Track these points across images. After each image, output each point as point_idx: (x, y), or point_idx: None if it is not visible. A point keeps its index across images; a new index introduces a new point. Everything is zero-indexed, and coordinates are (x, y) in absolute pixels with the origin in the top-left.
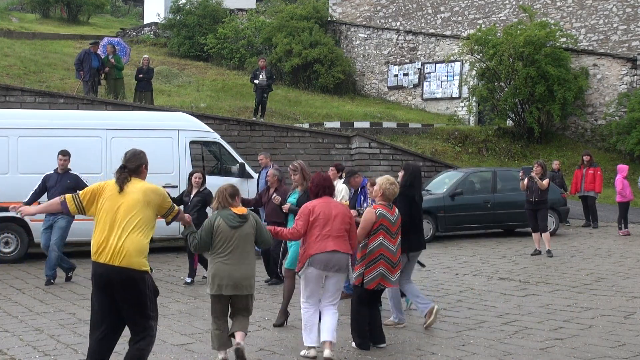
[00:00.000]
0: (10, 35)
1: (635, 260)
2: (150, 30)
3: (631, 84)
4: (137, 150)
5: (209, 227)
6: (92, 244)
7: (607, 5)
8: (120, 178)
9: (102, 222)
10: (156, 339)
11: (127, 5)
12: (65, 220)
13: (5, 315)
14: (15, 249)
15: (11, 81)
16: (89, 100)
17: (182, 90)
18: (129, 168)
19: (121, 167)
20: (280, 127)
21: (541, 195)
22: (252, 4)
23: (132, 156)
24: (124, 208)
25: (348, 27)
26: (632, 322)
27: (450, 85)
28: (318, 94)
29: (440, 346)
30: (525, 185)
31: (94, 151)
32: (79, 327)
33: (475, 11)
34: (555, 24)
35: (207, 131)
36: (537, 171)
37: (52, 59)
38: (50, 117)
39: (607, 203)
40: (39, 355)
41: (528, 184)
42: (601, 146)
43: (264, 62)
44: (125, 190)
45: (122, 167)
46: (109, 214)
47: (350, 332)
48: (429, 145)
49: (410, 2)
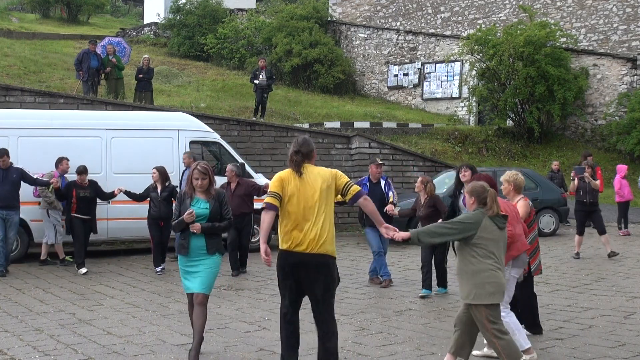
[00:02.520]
0: (10, 35)
1: (635, 260)
2: (150, 30)
3: (631, 84)
4: (307, 137)
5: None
6: (284, 233)
7: (607, 5)
8: (297, 161)
9: (292, 212)
10: (156, 339)
11: (127, 5)
12: (18, 216)
13: (5, 315)
14: (15, 249)
15: (11, 81)
16: (89, 100)
17: (182, 90)
18: (302, 152)
19: (295, 152)
20: (280, 127)
21: (594, 196)
22: (252, 4)
23: (303, 142)
24: (309, 196)
25: (348, 27)
26: (632, 322)
27: (450, 85)
28: (318, 94)
29: (440, 346)
30: (575, 187)
31: (94, 151)
32: (79, 327)
33: (475, 11)
34: (555, 24)
35: (207, 131)
36: (589, 172)
37: (52, 59)
38: (50, 117)
39: (607, 203)
40: (39, 355)
41: (579, 184)
42: (601, 146)
43: (264, 62)
44: (304, 177)
45: (296, 151)
46: (299, 203)
47: (524, 321)
48: (429, 145)
49: (410, 2)
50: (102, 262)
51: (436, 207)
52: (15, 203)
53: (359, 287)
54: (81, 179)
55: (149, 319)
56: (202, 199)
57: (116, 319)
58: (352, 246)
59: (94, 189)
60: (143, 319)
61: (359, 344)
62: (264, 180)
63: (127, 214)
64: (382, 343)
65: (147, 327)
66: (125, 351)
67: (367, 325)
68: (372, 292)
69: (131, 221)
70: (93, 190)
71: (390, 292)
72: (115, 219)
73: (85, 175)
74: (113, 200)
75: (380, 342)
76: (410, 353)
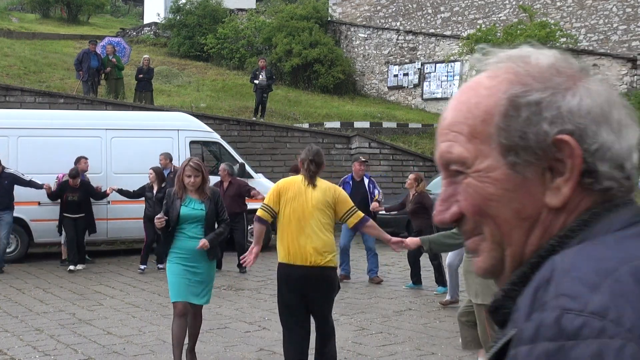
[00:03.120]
0: (10, 35)
1: None
2: (150, 30)
3: (631, 84)
4: (319, 148)
5: None
6: (283, 247)
7: (607, 5)
8: (312, 171)
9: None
10: (156, 339)
11: (127, 5)
12: (11, 215)
13: (5, 315)
14: (16, 249)
15: (11, 81)
16: (89, 100)
17: (182, 90)
18: (316, 162)
19: (310, 161)
20: (280, 127)
21: None
22: (252, 4)
23: (317, 152)
24: (308, 208)
25: (348, 27)
26: None
27: (450, 85)
28: (318, 94)
29: (440, 346)
30: None
31: (94, 151)
32: (79, 327)
33: (475, 11)
34: (555, 24)
35: (207, 131)
36: None
37: (52, 59)
38: (50, 117)
39: None
40: (39, 355)
41: None
42: None
43: (263, 62)
44: (309, 189)
45: (311, 160)
46: (297, 215)
47: None
48: (429, 145)
49: (410, 2)
50: (102, 262)
51: (422, 203)
52: (8, 203)
53: (359, 287)
54: (74, 182)
55: (149, 319)
56: (195, 199)
57: (116, 319)
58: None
59: (85, 191)
60: (143, 319)
61: (359, 344)
62: (264, 181)
63: (127, 214)
64: (382, 343)
65: (147, 327)
66: (125, 351)
67: (367, 325)
68: (372, 292)
69: (131, 221)
70: (83, 192)
71: (390, 292)
72: (115, 219)
73: (77, 179)
74: (113, 200)
75: (380, 342)
76: (410, 353)
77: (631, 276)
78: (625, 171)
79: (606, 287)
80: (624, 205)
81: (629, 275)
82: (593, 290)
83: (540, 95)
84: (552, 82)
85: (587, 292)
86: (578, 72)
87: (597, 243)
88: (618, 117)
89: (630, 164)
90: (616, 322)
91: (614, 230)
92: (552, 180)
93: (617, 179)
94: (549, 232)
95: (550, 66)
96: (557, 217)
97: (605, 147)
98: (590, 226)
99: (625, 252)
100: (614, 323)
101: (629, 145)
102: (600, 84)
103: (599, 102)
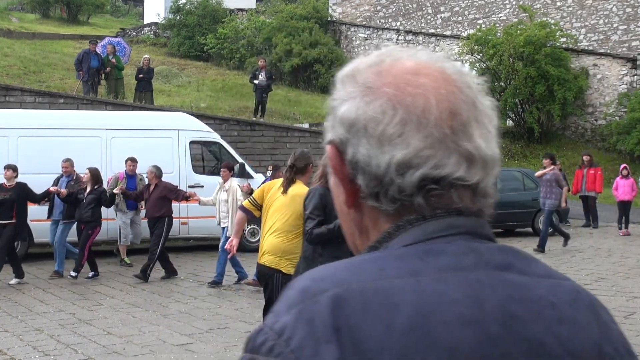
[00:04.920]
0: (10, 35)
1: (635, 260)
2: (150, 30)
3: (631, 84)
4: (305, 150)
5: None
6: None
7: (607, 5)
8: (288, 178)
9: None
10: (156, 339)
11: (127, 5)
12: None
13: (5, 315)
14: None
15: (11, 81)
16: (89, 100)
17: (182, 90)
18: (296, 167)
19: (290, 166)
20: (280, 127)
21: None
22: (252, 4)
23: (300, 155)
24: (281, 212)
25: (348, 27)
26: (632, 322)
27: None
28: (318, 94)
29: None
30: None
31: (94, 151)
32: (79, 327)
33: (475, 11)
34: (555, 24)
35: (207, 131)
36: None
37: (52, 59)
38: (50, 117)
39: (607, 203)
40: (39, 355)
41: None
42: (601, 146)
43: (263, 62)
44: (287, 195)
45: (290, 166)
46: (271, 216)
47: None
48: None
49: (410, 2)
50: (102, 262)
51: None
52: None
53: None
54: (7, 180)
55: (149, 319)
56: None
57: (116, 319)
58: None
59: (19, 192)
60: (143, 319)
61: None
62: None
63: None
64: None
65: (147, 327)
66: (125, 351)
67: None
68: None
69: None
70: (16, 192)
71: None
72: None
73: (11, 176)
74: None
75: None
76: None
77: (332, 302)
78: (391, 187)
79: (300, 308)
80: (419, 223)
81: (330, 300)
82: (288, 309)
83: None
84: (348, 92)
85: (284, 310)
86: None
87: (356, 259)
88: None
89: (400, 180)
90: (286, 342)
91: (402, 246)
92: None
93: (378, 193)
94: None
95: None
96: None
97: (363, 160)
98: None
99: (363, 274)
100: (285, 343)
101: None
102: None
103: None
